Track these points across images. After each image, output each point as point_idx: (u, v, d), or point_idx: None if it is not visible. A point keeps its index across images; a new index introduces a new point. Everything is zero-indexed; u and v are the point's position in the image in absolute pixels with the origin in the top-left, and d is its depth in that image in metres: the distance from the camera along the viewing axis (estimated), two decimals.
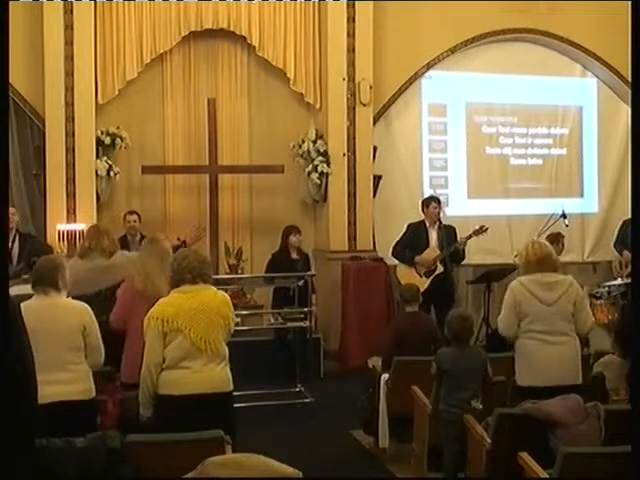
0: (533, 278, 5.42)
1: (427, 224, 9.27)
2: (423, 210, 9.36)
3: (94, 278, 5.75)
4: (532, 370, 5.35)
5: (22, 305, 4.66)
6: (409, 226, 9.37)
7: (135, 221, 9.13)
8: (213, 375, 4.63)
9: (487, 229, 9.17)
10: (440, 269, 9.06)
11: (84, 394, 4.76)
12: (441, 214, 9.44)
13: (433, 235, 9.22)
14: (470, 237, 9.15)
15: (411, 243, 9.24)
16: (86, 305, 4.93)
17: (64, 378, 4.68)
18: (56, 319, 4.76)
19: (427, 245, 9.17)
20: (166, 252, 5.52)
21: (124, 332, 5.39)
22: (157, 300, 4.78)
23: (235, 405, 4.92)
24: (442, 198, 9.87)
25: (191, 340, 4.57)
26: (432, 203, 9.34)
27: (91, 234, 6.48)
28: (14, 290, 5.13)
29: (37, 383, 3.72)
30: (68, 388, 4.67)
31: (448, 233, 9.14)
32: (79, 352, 4.78)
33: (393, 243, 9.43)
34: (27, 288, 5.16)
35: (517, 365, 5.47)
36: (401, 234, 9.38)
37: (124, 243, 8.46)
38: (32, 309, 4.73)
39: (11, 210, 8.58)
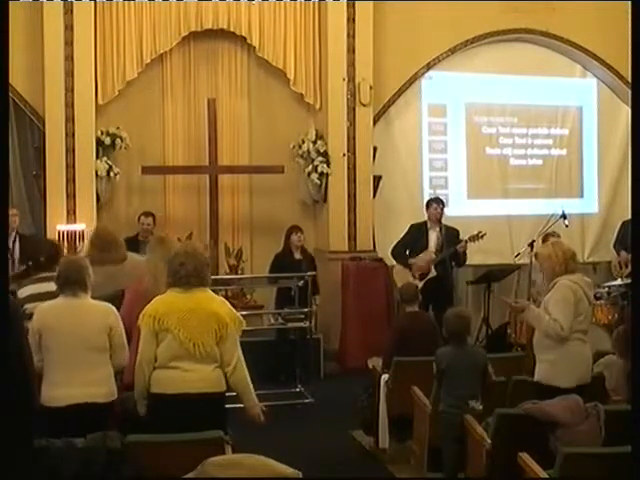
0: (582, 277, 5.46)
1: (428, 225, 9.27)
2: (427, 211, 9.36)
3: (102, 282, 5.73)
4: (575, 371, 5.31)
5: (47, 304, 4.71)
6: (411, 227, 9.35)
7: (150, 224, 9.07)
8: (204, 375, 4.59)
9: (484, 235, 9.07)
10: (434, 273, 9.03)
11: (109, 396, 4.76)
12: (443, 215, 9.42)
13: (433, 237, 9.18)
14: (466, 243, 9.09)
15: (411, 243, 9.23)
16: (111, 305, 4.92)
17: (91, 380, 4.68)
18: (83, 320, 4.76)
19: (426, 246, 9.16)
20: None
21: (129, 333, 5.37)
22: None
23: (235, 405, 4.91)
24: (442, 198, 9.85)
25: (180, 341, 4.54)
26: (432, 204, 9.33)
27: (96, 244, 6.17)
28: (30, 290, 5.13)
29: (35, 382, 3.72)
30: (94, 390, 4.67)
31: (449, 235, 9.10)
32: (105, 353, 4.78)
33: (394, 242, 9.42)
34: (44, 287, 5.13)
35: (558, 367, 5.30)
36: (403, 234, 9.37)
37: (134, 243, 8.18)
38: (58, 310, 4.75)
39: (13, 211, 8.55)
